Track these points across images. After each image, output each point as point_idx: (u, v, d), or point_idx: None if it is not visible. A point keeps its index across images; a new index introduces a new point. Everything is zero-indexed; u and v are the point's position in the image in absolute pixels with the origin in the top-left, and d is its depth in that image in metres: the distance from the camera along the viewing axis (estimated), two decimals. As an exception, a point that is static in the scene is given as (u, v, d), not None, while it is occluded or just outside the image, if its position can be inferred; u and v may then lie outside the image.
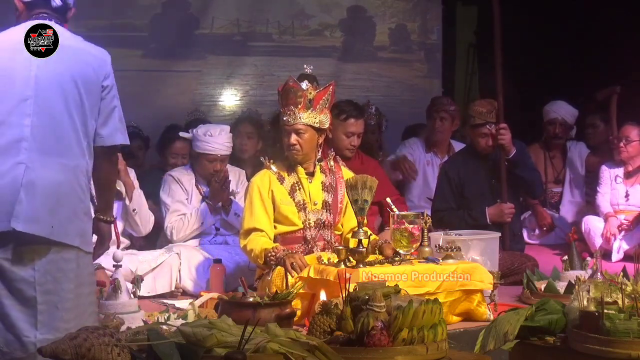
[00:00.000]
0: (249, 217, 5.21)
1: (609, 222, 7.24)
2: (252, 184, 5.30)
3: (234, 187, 6.35)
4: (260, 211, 5.20)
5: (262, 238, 5.15)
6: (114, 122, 3.73)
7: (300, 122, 5.18)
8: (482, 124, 6.36)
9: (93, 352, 2.71)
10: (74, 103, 3.61)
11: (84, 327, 2.87)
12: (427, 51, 9.73)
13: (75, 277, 3.60)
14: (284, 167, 5.30)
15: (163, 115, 7.79)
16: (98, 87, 3.67)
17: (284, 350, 2.88)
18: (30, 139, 3.54)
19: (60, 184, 3.56)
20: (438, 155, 7.52)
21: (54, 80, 3.60)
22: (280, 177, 5.27)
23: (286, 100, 5.21)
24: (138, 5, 8.45)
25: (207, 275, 5.84)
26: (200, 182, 6.30)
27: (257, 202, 5.21)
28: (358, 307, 3.29)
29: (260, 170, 5.34)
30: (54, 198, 3.55)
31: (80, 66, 3.65)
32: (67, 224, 3.58)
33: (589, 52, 8.91)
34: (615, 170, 7.44)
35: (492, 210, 6.37)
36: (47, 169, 3.55)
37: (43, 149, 3.55)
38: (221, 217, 6.24)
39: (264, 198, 5.21)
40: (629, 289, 3.55)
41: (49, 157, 3.56)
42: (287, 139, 5.21)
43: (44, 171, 3.54)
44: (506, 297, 5.49)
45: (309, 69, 5.36)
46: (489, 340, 3.55)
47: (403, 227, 4.95)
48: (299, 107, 5.18)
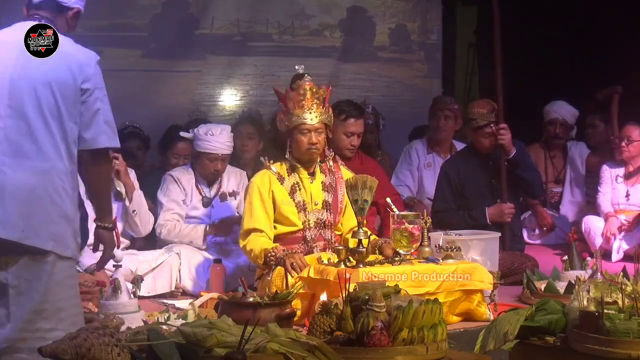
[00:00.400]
0: (249, 217, 5.21)
1: (609, 221, 7.24)
2: (252, 184, 5.30)
3: (235, 188, 6.35)
4: (260, 211, 5.20)
5: (261, 238, 5.15)
6: (97, 125, 3.66)
7: (319, 121, 5.19)
8: (485, 125, 6.37)
9: (93, 352, 2.71)
10: (48, 106, 3.57)
11: (84, 327, 2.87)
12: (427, 51, 9.73)
13: (50, 281, 3.55)
14: (284, 168, 5.30)
15: (163, 115, 7.79)
16: (76, 90, 3.62)
17: (284, 350, 2.88)
18: (3, 141, 3.53)
19: (33, 188, 3.53)
20: (440, 155, 7.50)
21: (28, 83, 3.57)
22: (280, 178, 5.26)
23: (303, 101, 5.18)
24: (138, 5, 8.45)
25: (207, 275, 5.84)
26: (200, 182, 6.30)
27: (256, 202, 5.21)
28: (358, 307, 3.29)
29: (260, 171, 5.34)
30: (26, 202, 3.51)
31: (57, 69, 3.61)
32: (40, 227, 3.53)
33: (589, 52, 8.91)
34: (616, 170, 7.44)
35: (492, 211, 6.38)
36: (19, 171, 3.52)
37: (16, 152, 3.53)
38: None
39: (264, 198, 5.21)
40: (629, 289, 3.55)
41: (21, 159, 3.53)
42: (307, 139, 5.19)
43: (15, 174, 3.51)
44: (506, 297, 5.49)
45: (301, 69, 5.30)
46: (489, 340, 3.56)
47: (403, 227, 4.95)
48: (317, 106, 5.19)
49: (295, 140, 5.23)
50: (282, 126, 5.28)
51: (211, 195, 6.30)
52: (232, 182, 6.36)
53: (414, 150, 7.61)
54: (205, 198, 6.27)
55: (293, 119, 5.20)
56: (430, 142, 7.60)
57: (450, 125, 7.45)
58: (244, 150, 6.98)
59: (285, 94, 5.25)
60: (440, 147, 7.54)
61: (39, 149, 3.55)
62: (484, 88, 9.00)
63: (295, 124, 5.20)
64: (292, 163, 5.29)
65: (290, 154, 5.28)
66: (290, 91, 5.23)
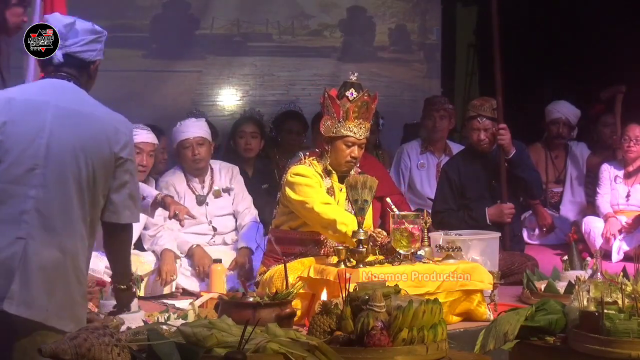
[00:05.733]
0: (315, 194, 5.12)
1: (609, 222, 7.23)
2: (306, 171, 5.18)
3: (228, 184, 6.33)
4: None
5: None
6: (122, 199, 3.47)
7: (364, 137, 5.19)
8: (474, 117, 6.38)
9: (93, 352, 2.71)
10: (87, 176, 3.36)
11: (84, 327, 2.87)
12: (427, 51, 9.72)
13: None
14: (319, 168, 5.24)
15: (163, 115, 7.78)
16: (111, 159, 3.42)
17: (284, 350, 2.88)
18: (33, 213, 3.28)
19: (59, 265, 3.31)
20: (435, 155, 7.54)
21: (67, 151, 3.35)
22: (322, 176, 5.23)
23: (356, 113, 5.14)
24: (138, 5, 8.44)
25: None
26: (191, 181, 6.27)
27: (316, 183, 5.14)
28: (358, 307, 3.30)
29: (300, 163, 5.24)
30: (51, 280, 3.29)
31: (94, 134, 3.40)
32: (63, 308, 3.32)
33: (590, 52, 8.91)
34: (615, 170, 7.43)
35: (492, 211, 6.38)
36: (47, 247, 3.29)
37: (45, 225, 3.29)
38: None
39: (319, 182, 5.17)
40: (629, 289, 3.55)
41: (50, 233, 3.30)
42: (350, 151, 5.16)
43: (43, 249, 3.28)
44: (506, 297, 5.49)
45: (353, 77, 5.22)
46: (489, 340, 3.56)
47: (403, 227, 4.95)
48: (365, 120, 5.18)
49: (336, 148, 5.18)
50: (326, 131, 5.20)
51: (204, 193, 6.27)
52: (225, 177, 6.34)
53: (405, 153, 7.65)
54: (199, 196, 6.24)
55: (342, 129, 5.15)
56: (424, 142, 7.63)
57: (445, 125, 7.49)
58: (248, 149, 7.02)
59: (338, 101, 5.15)
60: (434, 147, 7.57)
61: (69, 224, 3.34)
62: (484, 88, 9.00)
63: (343, 134, 5.15)
64: (327, 168, 5.25)
65: (327, 159, 5.24)
66: (345, 100, 5.14)
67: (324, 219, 5.03)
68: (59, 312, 3.30)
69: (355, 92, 5.14)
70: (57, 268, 3.31)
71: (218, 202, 6.28)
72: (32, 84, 3.59)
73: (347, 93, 5.15)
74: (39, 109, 3.40)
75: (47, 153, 3.34)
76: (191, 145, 6.18)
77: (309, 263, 5.05)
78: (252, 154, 7.04)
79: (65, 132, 3.37)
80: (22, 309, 3.24)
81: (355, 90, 5.15)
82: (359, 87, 5.18)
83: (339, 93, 5.18)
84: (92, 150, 3.37)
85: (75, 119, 3.40)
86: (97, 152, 3.38)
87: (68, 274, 3.34)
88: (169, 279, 5.82)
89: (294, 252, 5.18)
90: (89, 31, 3.57)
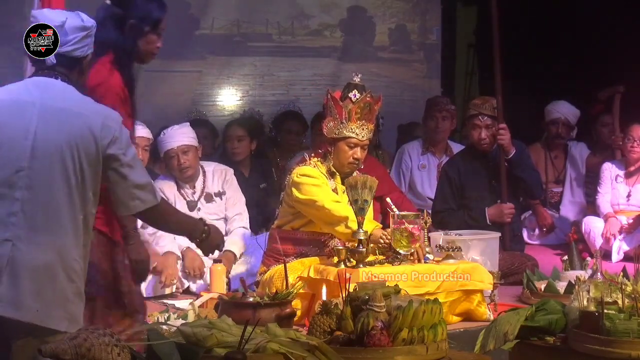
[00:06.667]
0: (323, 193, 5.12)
1: (609, 222, 7.23)
2: (312, 172, 5.18)
3: (220, 188, 6.28)
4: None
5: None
6: (126, 191, 3.43)
7: (367, 138, 5.18)
8: (475, 115, 6.38)
9: (93, 352, 2.71)
10: (75, 173, 3.32)
11: (84, 327, 2.87)
12: (427, 51, 9.73)
13: None
14: (323, 169, 5.23)
15: (163, 115, 7.78)
16: (99, 155, 3.37)
17: (284, 350, 2.88)
18: (19, 214, 3.25)
19: (49, 265, 3.26)
20: (435, 156, 7.53)
21: (53, 150, 3.31)
22: (327, 177, 5.23)
23: (358, 114, 5.13)
24: (138, 5, 8.45)
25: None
26: (181, 187, 6.22)
27: (320, 183, 5.14)
28: (358, 307, 3.30)
29: (307, 164, 5.22)
30: (40, 280, 3.25)
31: (80, 130, 3.34)
32: (55, 307, 3.27)
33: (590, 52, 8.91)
34: (617, 169, 7.43)
35: (492, 211, 6.38)
36: (34, 247, 3.25)
37: (32, 226, 3.26)
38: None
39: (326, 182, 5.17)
40: (629, 289, 3.55)
41: (38, 234, 3.26)
42: (352, 152, 5.15)
43: (31, 249, 3.24)
44: (506, 297, 5.49)
45: (357, 78, 5.22)
46: (489, 340, 3.56)
47: (403, 227, 4.95)
48: (368, 122, 5.17)
49: (339, 149, 5.17)
50: (329, 132, 5.20)
51: (195, 198, 6.22)
52: (217, 181, 6.28)
53: (406, 153, 7.63)
54: (190, 202, 6.20)
55: (344, 130, 5.14)
56: (425, 143, 7.62)
57: (447, 125, 7.48)
58: (235, 152, 6.98)
59: (341, 103, 5.14)
60: (436, 147, 7.56)
61: (57, 223, 3.30)
62: (484, 88, 9.00)
63: (345, 135, 5.15)
64: (331, 169, 5.24)
65: (331, 160, 5.23)
66: (348, 101, 5.13)
67: (335, 216, 5.01)
68: (50, 311, 3.26)
69: (358, 93, 5.13)
70: (46, 268, 3.26)
71: (210, 207, 6.21)
72: (17, 83, 3.51)
73: (350, 94, 5.13)
74: (24, 109, 3.37)
75: (32, 154, 3.31)
76: (176, 154, 6.11)
77: (309, 263, 5.05)
78: (239, 157, 6.99)
79: (51, 132, 3.34)
80: (10, 311, 3.22)
81: (358, 91, 5.14)
82: (362, 88, 5.17)
83: (343, 94, 5.18)
84: (78, 147, 3.34)
85: (60, 117, 3.37)
86: (83, 148, 3.34)
87: (57, 273, 3.29)
88: (169, 282, 5.82)
89: (295, 252, 5.17)
90: (79, 28, 3.51)
